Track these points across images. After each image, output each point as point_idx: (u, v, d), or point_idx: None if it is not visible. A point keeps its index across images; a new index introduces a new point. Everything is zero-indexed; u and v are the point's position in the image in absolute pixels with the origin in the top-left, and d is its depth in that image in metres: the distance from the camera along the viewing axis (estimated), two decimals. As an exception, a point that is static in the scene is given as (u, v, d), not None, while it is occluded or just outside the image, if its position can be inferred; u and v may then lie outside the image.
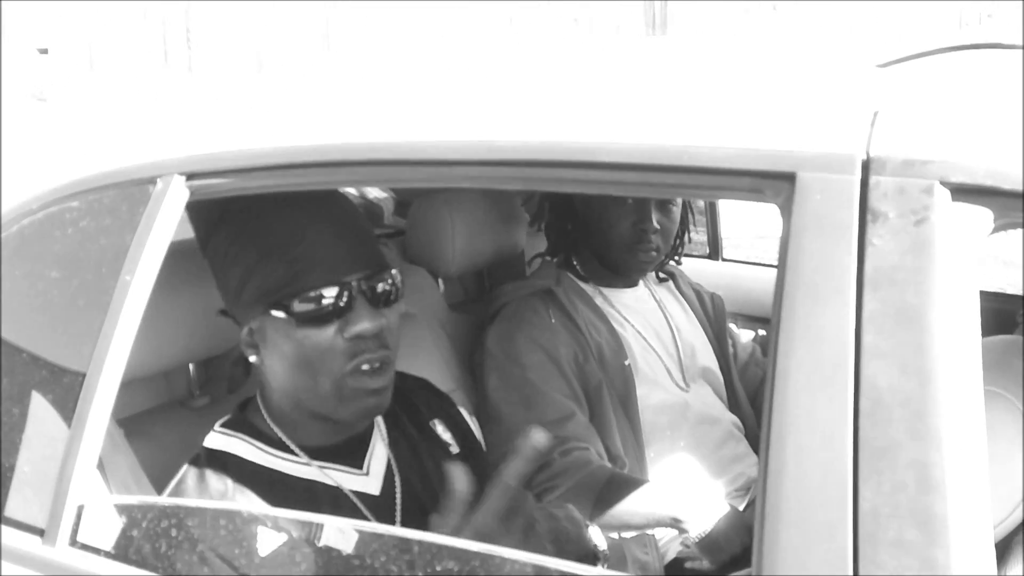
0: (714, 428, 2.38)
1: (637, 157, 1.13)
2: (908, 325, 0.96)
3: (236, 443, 1.65)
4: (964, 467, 0.92)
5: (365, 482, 1.68)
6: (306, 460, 1.65)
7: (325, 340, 1.55)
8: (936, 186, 0.98)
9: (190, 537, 1.32)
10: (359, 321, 1.55)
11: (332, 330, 1.55)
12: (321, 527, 1.25)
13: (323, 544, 1.25)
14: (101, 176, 1.48)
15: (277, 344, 1.58)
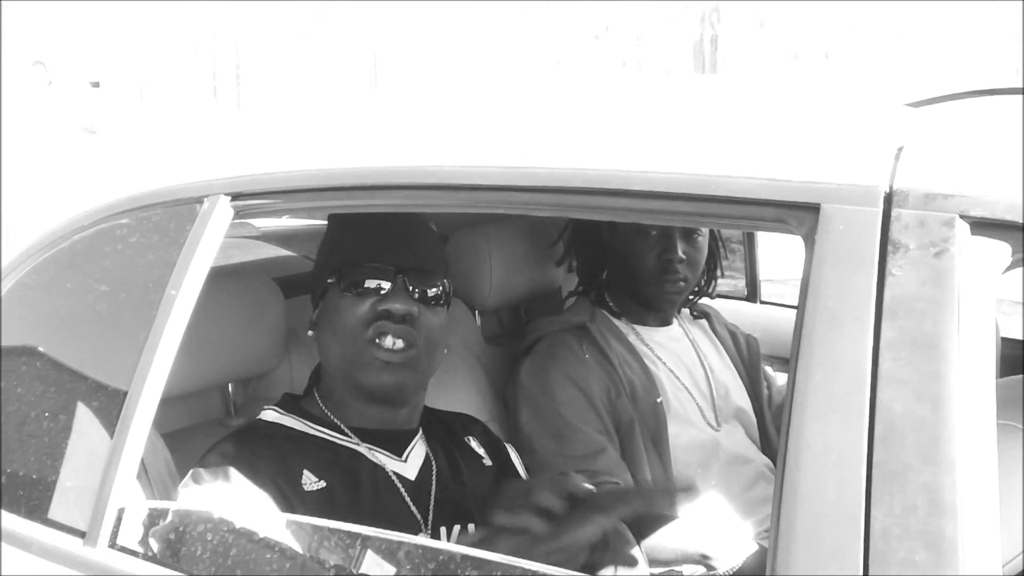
0: (745, 468, 2.40)
1: (666, 186, 1.17)
2: (924, 353, 0.98)
3: (289, 419, 1.79)
4: (974, 492, 0.95)
5: (403, 467, 1.80)
6: (353, 438, 1.79)
7: (360, 311, 1.74)
8: (956, 219, 1.01)
9: (226, 541, 1.36)
10: (393, 301, 1.73)
11: (368, 304, 1.74)
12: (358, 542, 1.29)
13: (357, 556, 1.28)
14: (150, 194, 1.53)
15: (329, 314, 1.79)
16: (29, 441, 1.54)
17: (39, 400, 1.55)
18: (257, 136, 1.62)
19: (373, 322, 1.75)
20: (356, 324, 1.75)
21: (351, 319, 1.75)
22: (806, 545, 0.99)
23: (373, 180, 1.39)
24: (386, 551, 1.27)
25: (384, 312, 1.74)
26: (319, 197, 1.44)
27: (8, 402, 1.58)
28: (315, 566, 1.30)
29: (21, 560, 1.48)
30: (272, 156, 1.50)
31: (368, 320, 1.75)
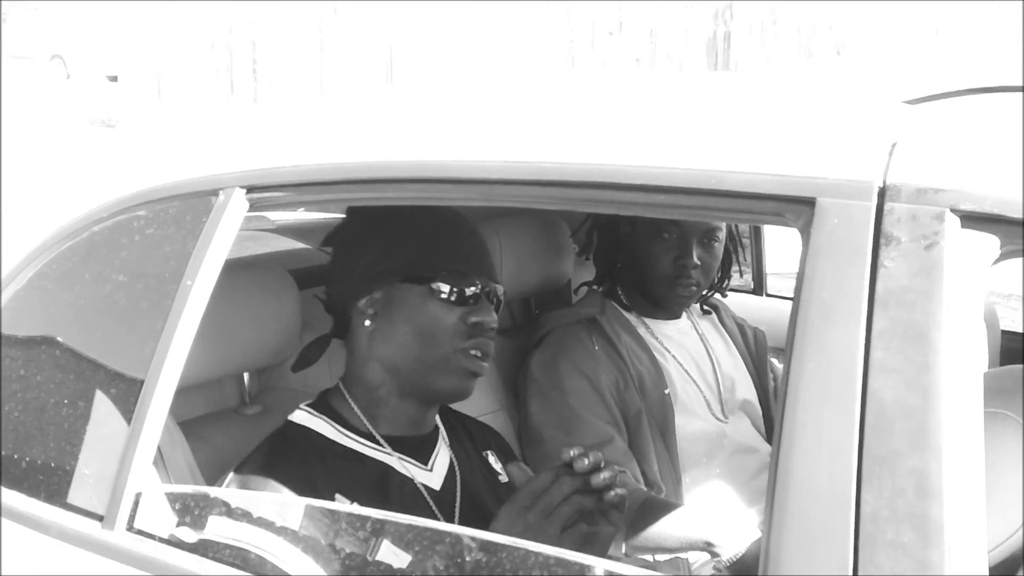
0: (750, 458, 2.43)
1: (669, 180, 1.20)
2: (915, 343, 1.02)
3: (320, 422, 1.80)
4: (961, 476, 0.98)
5: (429, 477, 1.83)
6: (386, 448, 1.81)
7: (452, 318, 1.77)
8: (947, 213, 1.04)
9: (241, 526, 1.40)
10: (484, 313, 1.79)
11: (459, 312, 1.78)
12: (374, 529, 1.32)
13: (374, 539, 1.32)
14: (167, 187, 1.57)
15: (399, 315, 1.79)
16: (48, 428, 1.58)
17: (58, 388, 1.59)
18: (271, 130, 1.66)
19: (468, 332, 1.78)
20: (447, 330, 1.78)
21: (439, 325, 1.78)
22: (798, 527, 1.03)
23: (385, 174, 1.43)
24: (400, 537, 1.31)
25: (478, 324, 1.78)
26: (332, 190, 1.48)
27: (28, 389, 1.62)
28: (331, 552, 1.34)
29: (41, 543, 1.52)
30: (286, 150, 1.53)
31: (461, 329, 1.78)
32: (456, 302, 1.78)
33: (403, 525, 1.31)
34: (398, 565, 1.30)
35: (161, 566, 1.41)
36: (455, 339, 1.77)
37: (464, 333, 1.78)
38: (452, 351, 1.77)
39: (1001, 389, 1.36)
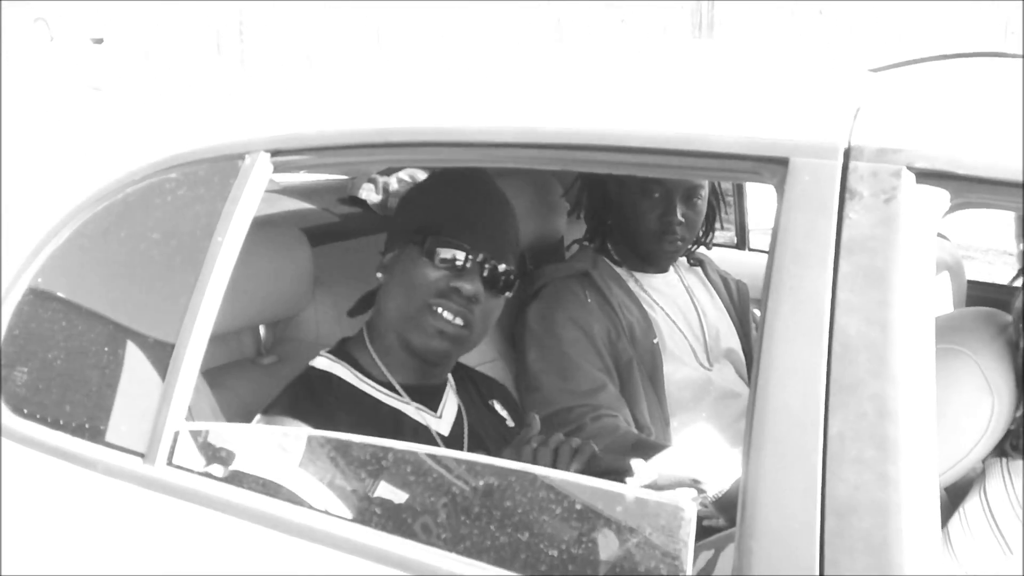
0: (735, 403, 2.58)
1: (657, 142, 1.33)
2: (875, 284, 1.15)
3: (340, 368, 1.96)
4: (915, 400, 1.12)
5: (439, 423, 1.99)
6: (403, 396, 1.96)
7: (432, 278, 1.90)
8: (903, 170, 1.17)
9: (267, 458, 1.55)
10: (466, 280, 1.90)
11: (443, 275, 1.90)
12: (390, 453, 1.47)
13: (390, 468, 1.46)
14: (197, 152, 1.70)
15: (401, 267, 1.94)
16: (91, 374, 1.72)
17: (99, 337, 1.73)
18: (294, 97, 1.78)
19: (442, 294, 1.90)
20: (426, 287, 1.90)
21: (422, 280, 1.90)
22: (774, 447, 1.17)
23: (397, 138, 1.56)
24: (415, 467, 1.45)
25: (454, 288, 1.89)
26: (349, 154, 1.61)
27: (71, 338, 1.76)
28: (348, 479, 1.48)
29: (88, 478, 1.66)
30: (307, 116, 1.66)
31: (438, 289, 1.90)
32: (443, 265, 1.90)
33: (414, 455, 1.45)
34: (409, 494, 1.44)
35: (198, 496, 1.55)
36: (428, 295, 1.90)
37: (438, 292, 1.90)
38: (423, 306, 1.89)
39: (957, 328, 1.51)
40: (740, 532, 1.19)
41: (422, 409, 1.97)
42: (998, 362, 1.45)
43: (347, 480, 1.49)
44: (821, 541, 1.13)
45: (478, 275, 1.92)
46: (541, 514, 1.32)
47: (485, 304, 1.94)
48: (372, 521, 1.42)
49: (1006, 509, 1.43)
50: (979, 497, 1.46)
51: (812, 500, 1.14)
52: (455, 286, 1.89)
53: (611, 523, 1.29)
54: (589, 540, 1.29)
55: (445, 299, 1.90)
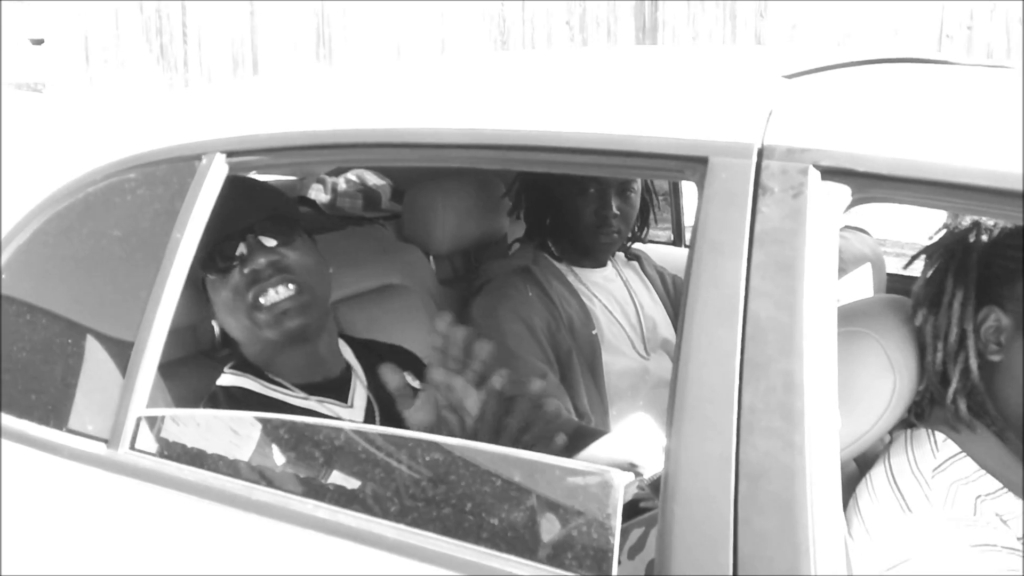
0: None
1: (589, 144, 1.44)
2: (784, 272, 1.27)
3: (245, 380, 2.02)
4: (818, 375, 1.24)
5: (351, 413, 2.05)
6: (302, 394, 2.02)
7: (234, 282, 1.95)
8: (810, 168, 1.29)
9: (220, 440, 1.65)
10: (251, 260, 1.94)
11: (236, 275, 1.95)
12: (323, 430, 1.58)
13: (326, 442, 1.57)
14: (155, 153, 1.79)
15: (215, 301, 2.01)
16: (56, 364, 1.81)
17: (63, 330, 1.82)
18: (249, 100, 1.88)
19: (249, 286, 1.94)
20: (237, 295, 1.96)
21: (231, 293, 1.96)
22: (693, 419, 1.28)
23: (346, 140, 1.66)
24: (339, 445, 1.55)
25: (252, 273, 1.94)
26: (303, 155, 1.71)
27: (35, 331, 1.85)
28: (295, 458, 1.59)
29: (54, 463, 1.75)
30: (262, 118, 1.75)
31: (244, 286, 1.95)
32: (228, 267, 1.96)
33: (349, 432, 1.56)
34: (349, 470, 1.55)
35: (160, 477, 1.65)
36: (245, 299, 1.95)
37: (246, 287, 1.95)
38: (251, 309, 1.95)
39: (864, 313, 1.64)
40: (664, 496, 1.30)
41: (330, 402, 2.04)
42: (901, 343, 1.57)
43: (295, 458, 1.59)
44: (735, 502, 1.24)
45: (258, 247, 1.95)
46: (481, 485, 1.43)
47: (291, 258, 1.97)
48: (324, 496, 1.53)
49: (906, 473, 1.55)
50: (883, 465, 1.58)
51: (727, 466, 1.25)
52: (250, 271, 1.94)
53: (543, 493, 1.40)
54: (522, 509, 1.40)
55: (256, 286, 1.94)
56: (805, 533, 1.21)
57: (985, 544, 1.46)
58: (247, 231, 1.96)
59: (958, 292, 1.57)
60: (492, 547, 1.40)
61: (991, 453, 1.56)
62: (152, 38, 13.19)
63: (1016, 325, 1.53)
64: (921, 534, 1.48)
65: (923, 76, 1.68)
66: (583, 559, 1.34)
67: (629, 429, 2.60)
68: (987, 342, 1.55)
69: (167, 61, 13.13)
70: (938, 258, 1.63)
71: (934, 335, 1.58)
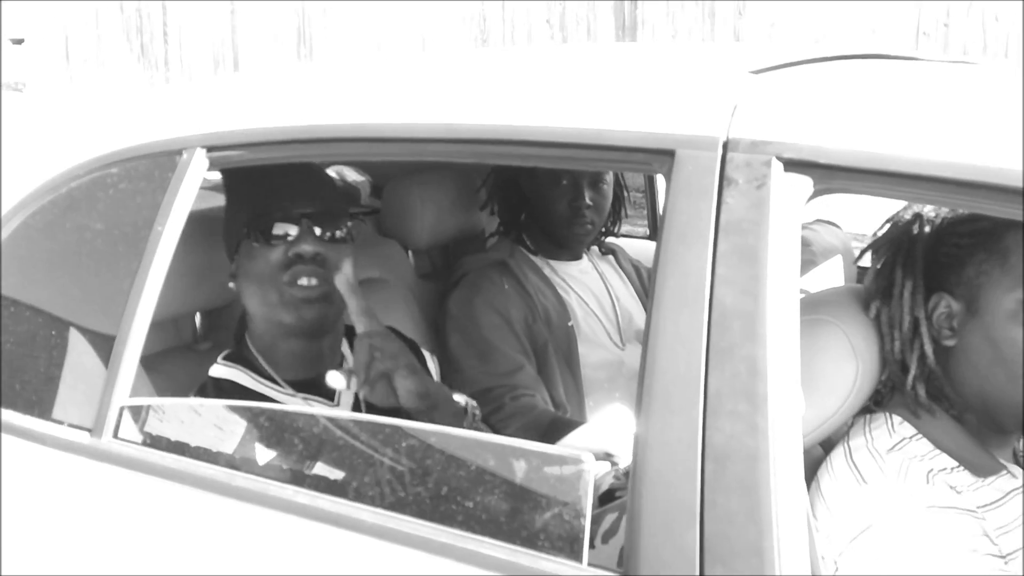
0: (646, 383, 2.74)
1: (560, 137, 1.49)
2: (748, 261, 1.31)
3: (236, 372, 2.04)
4: (781, 360, 1.28)
5: (338, 412, 2.05)
6: (291, 391, 2.04)
7: (274, 257, 1.97)
8: (773, 160, 1.33)
9: (202, 429, 1.69)
10: (300, 244, 1.97)
11: (280, 249, 1.97)
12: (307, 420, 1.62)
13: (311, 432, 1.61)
14: (137, 148, 1.83)
15: (246, 267, 2.01)
16: (40, 355, 1.84)
17: (49, 322, 1.85)
18: (228, 96, 1.92)
19: (288, 266, 1.97)
20: (273, 270, 1.98)
21: (267, 266, 1.98)
22: (660, 403, 1.33)
23: (327, 135, 1.70)
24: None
25: (296, 256, 1.97)
26: (280, 149, 1.75)
27: (19, 323, 1.88)
28: (278, 445, 1.63)
29: (39, 452, 1.78)
30: (241, 114, 1.79)
31: (283, 264, 1.97)
32: (277, 243, 1.99)
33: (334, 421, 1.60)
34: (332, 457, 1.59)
35: (143, 464, 1.69)
36: (280, 275, 1.98)
37: (284, 265, 1.98)
38: (282, 286, 1.98)
39: (828, 302, 1.69)
40: (632, 477, 1.34)
41: (317, 400, 2.07)
42: (864, 331, 1.62)
43: (274, 446, 1.63)
44: (702, 483, 1.29)
45: (310, 234, 1.99)
46: (456, 470, 1.48)
47: (332, 258, 2.00)
48: (303, 482, 1.57)
49: (862, 450, 1.60)
50: (843, 446, 1.63)
51: (694, 448, 1.29)
52: (294, 253, 1.97)
53: (518, 478, 1.44)
54: (497, 493, 1.44)
55: (293, 268, 1.97)
56: (768, 512, 1.26)
57: (939, 506, 1.51)
58: (305, 215, 2.00)
59: (907, 282, 1.62)
60: (467, 530, 1.44)
61: (948, 435, 1.62)
62: (132, 37, 13.18)
63: (967, 309, 1.58)
64: (877, 502, 1.53)
65: (884, 72, 1.73)
66: (556, 541, 1.38)
67: (605, 419, 2.65)
68: (940, 328, 1.61)
69: (148, 60, 13.12)
70: (885, 251, 1.68)
71: (889, 325, 1.63)
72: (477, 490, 1.46)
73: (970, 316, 1.59)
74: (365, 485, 1.53)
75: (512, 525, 1.42)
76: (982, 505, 1.56)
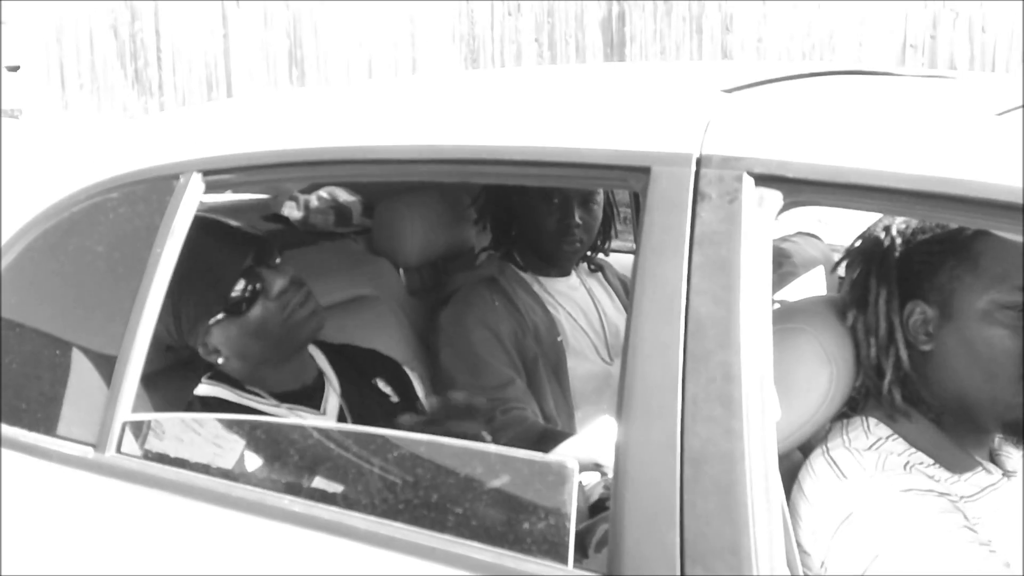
0: (634, 395, 2.79)
1: (541, 156, 1.55)
2: (721, 271, 1.37)
3: (221, 390, 2.13)
4: (754, 366, 1.34)
5: (324, 420, 2.15)
6: (275, 403, 2.12)
7: (262, 313, 2.06)
8: (744, 175, 1.39)
9: (202, 443, 1.74)
10: (273, 285, 2.05)
11: (262, 304, 2.06)
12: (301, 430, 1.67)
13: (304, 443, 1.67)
14: (135, 173, 1.89)
15: (231, 342, 2.09)
16: (45, 374, 1.90)
17: (52, 342, 1.92)
18: (223, 122, 1.98)
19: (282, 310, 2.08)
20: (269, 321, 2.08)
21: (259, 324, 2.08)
22: (640, 409, 1.38)
23: (318, 158, 1.76)
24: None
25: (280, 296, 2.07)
26: (274, 172, 1.81)
27: (25, 342, 1.94)
28: (275, 456, 1.68)
29: (43, 467, 1.84)
30: (236, 138, 1.85)
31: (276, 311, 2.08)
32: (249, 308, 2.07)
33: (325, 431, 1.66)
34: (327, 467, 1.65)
35: (147, 478, 1.75)
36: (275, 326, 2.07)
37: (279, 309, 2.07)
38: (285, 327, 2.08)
39: (803, 311, 1.75)
40: (615, 482, 1.40)
41: (302, 409, 2.14)
42: (837, 338, 1.67)
43: (270, 457, 1.70)
44: (680, 486, 1.34)
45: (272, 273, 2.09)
46: (446, 478, 1.54)
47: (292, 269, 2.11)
48: (298, 491, 1.63)
49: (840, 449, 1.66)
50: (821, 448, 1.69)
51: (672, 452, 1.35)
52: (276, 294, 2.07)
53: (506, 485, 1.50)
54: (485, 500, 1.50)
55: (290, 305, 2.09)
56: (745, 512, 1.32)
57: (918, 489, 1.57)
58: (248, 270, 2.06)
59: (882, 291, 1.68)
60: (456, 535, 1.50)
61: (923, 435, 1.68)
62: (127, 63, 13.23)
63: (941, 314, 1.65)
64: (857, 492, 1.59)
65: (857, 87, 1.79)
66: (541, 544, 1.44)
67: (594, 431, 2.70)
68: (916, 334, 1.67)
69: (142, 85, 13.17)
70: (859, 263, 1.74)
71: (865, 332, 1.69)
72: (467, 496, 1.52)
73: (945, 320, 1.65)
74: (357, 493, 1.59)
75: (500, 529, 1.48)
76: (958, 498, 1.62)
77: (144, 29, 12.83)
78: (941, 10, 7.66)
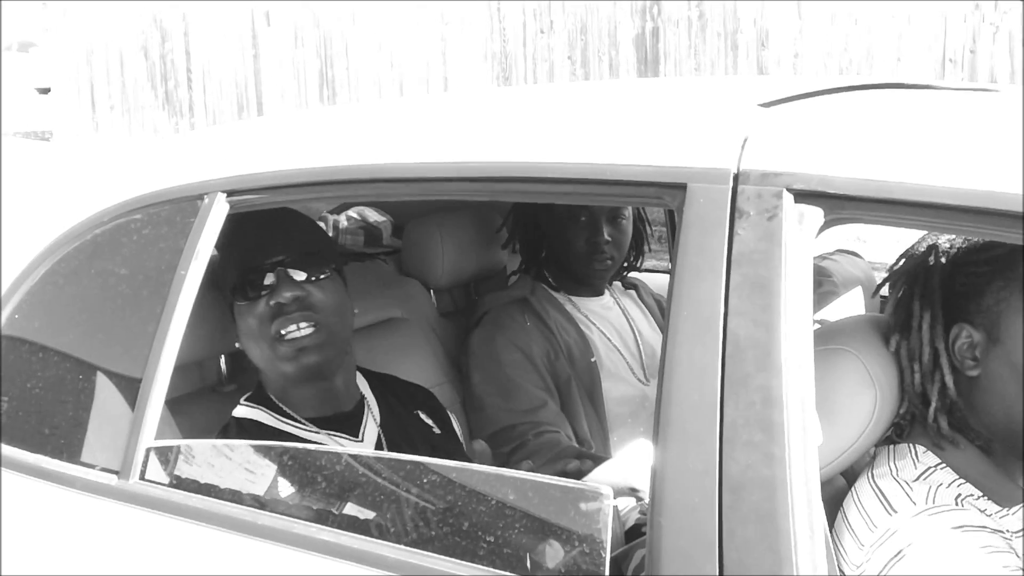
0: (670, 417, 2.74)
1: (573, 173, 1.51)
2: (760, 292, 1.32)
3: (258, 413, 2.08)
4: (796, 389, 1.29)
5: (360, 448, 2.09)
6: (314, 428, 2.07)
7: (257, 312, 2.00)
8: (784, 192, 1.35)
9: (228, 469, 1.70)
10: (278, 292, 1.99)
11: (262, 303, 2.00)
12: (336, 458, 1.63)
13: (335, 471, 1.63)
14: (159, 193, 1.86)
15: (240, 326, 2.05)
16: (67, 400, 1.87)
17: (75, 367, 1.88)
18: (247, 142, 1.95)
19: (273, 318, 1.99)
20: (260, 324, 2.01)
21: (255, 322, 2.01)
22: (677, 434, 1.34)
23: (344, 176, 1.73)
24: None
25: (276, 306, 1.98)
26: (299, 192, 1.77)
27: (47, 368, 1.91)
28: (304, 485, 1.64)
29: (67, 495, 1.81)
30: (260, 158, 1.82)
31: (268, 317, 1.99)
32: (256, 296, 2.01)
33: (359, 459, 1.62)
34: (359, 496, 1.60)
35: (171, 505, 1.71)
36: (267, 328, 2.00)
37: (270, 318, 2.00)
38: (272, 341, 2.00)
39: (845, 331, 1.69)
40: (651, 509, 1.35)
41: (340, 436, 2.09)
42: (881, 360, 1.62)
43: (298, 485, 1.65)
44: (719, 513, 1.30)
45: (287, 281, 2.00)
46: (477, 506, 1.49)
47: (316, 297, 2.02)
48: (327, 520, 1.58)
49: (888, 479, 1.60)
50: (867, 476, 1.63)
51: (711, 478, 1.30)
52: (275, 303, 1.98)
53: (538, 512, 1.45)
54: (518, 528, 1.45)
55: (279, 319, 1.99)
56: (787, 541, 1.26)
57: (972, 525, 1.51)
58: (278, 263, 2.01)
59: (926, 314, 1.62)
60: (489, 565, 1.45)
61: (972, 465, 1.61)
62: (157, 84, 13.33)
63: (988, 338, 1.58)
64: (908, 530, 1.53)
65: (896, 101, 1.74)
66: (577, 574, 1.39)
67: (630, 454, 2.65)
68: (963, 359, 1.60)
69: (172, 106, 13.26)
70: (902, 284, 1.68)
71: (909, 357, 1.63)
72: (498, 525, 1.47)
73: (992, 344, 1.58)
74: (387, 521, 1.55)
75: (534, 558, 1.43)
76: (1010, 534, 1.56)
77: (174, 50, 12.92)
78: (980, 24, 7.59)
